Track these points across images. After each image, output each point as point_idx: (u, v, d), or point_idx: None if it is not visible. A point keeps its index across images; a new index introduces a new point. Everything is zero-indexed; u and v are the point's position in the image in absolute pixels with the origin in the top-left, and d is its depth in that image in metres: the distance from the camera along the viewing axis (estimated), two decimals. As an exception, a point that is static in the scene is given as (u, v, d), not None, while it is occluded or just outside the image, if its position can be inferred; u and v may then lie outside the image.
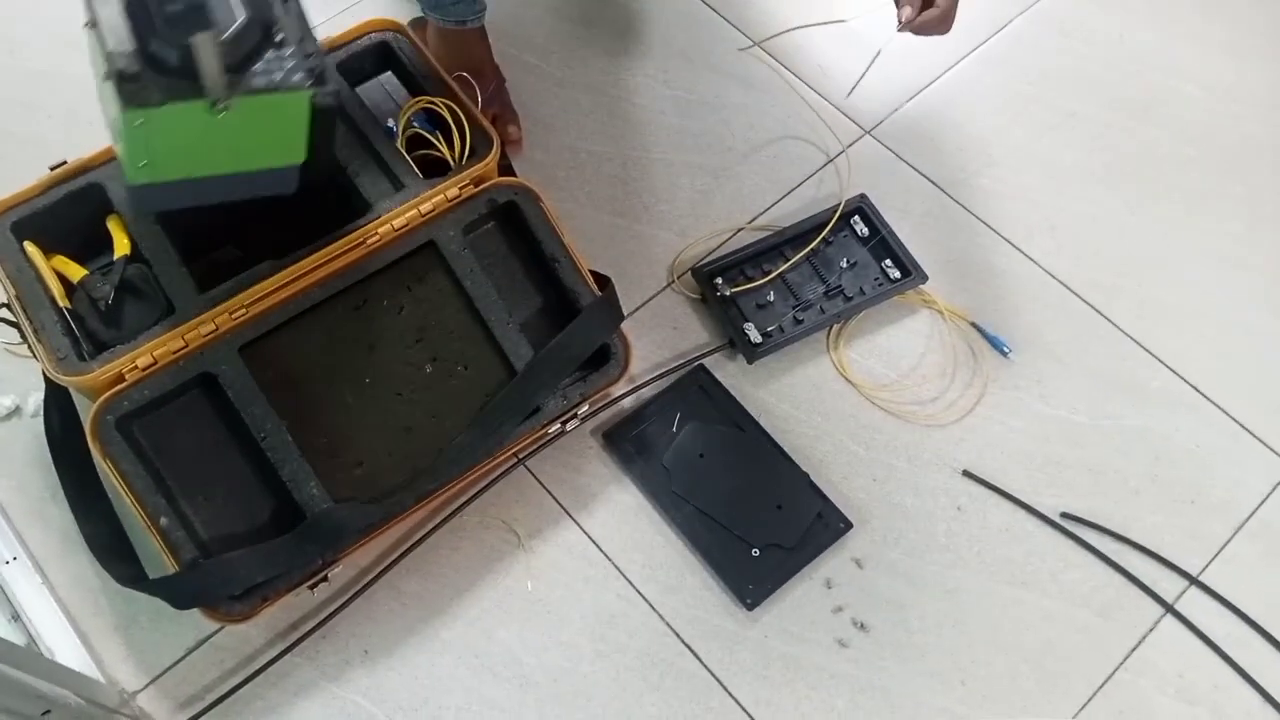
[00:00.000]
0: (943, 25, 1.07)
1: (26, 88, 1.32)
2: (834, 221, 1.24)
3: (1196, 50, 1.46)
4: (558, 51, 1.39)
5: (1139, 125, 1.39)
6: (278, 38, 0.80)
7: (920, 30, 1.08)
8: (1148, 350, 1.22)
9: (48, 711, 0.81)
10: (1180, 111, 1.41)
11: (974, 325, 1.22)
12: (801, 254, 1.22)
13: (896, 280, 1.21)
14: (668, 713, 1.00)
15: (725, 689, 1.01)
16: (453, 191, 1.02)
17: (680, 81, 1.38)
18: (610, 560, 1.07)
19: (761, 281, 1.21)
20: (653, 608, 1.05)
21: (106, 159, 0.99)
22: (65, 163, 0.99)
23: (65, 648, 0.99)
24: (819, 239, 1.23)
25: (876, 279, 1.22)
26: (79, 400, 1.02)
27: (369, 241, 0.99)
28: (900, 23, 1.07)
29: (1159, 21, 1.49)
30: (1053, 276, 1.26)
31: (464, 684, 1.00)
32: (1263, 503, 1.13)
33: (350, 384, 0.99)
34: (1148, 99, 1.42)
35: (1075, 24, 1.48)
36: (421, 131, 1.07)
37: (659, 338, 1.19)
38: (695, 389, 1.15)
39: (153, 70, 0.78)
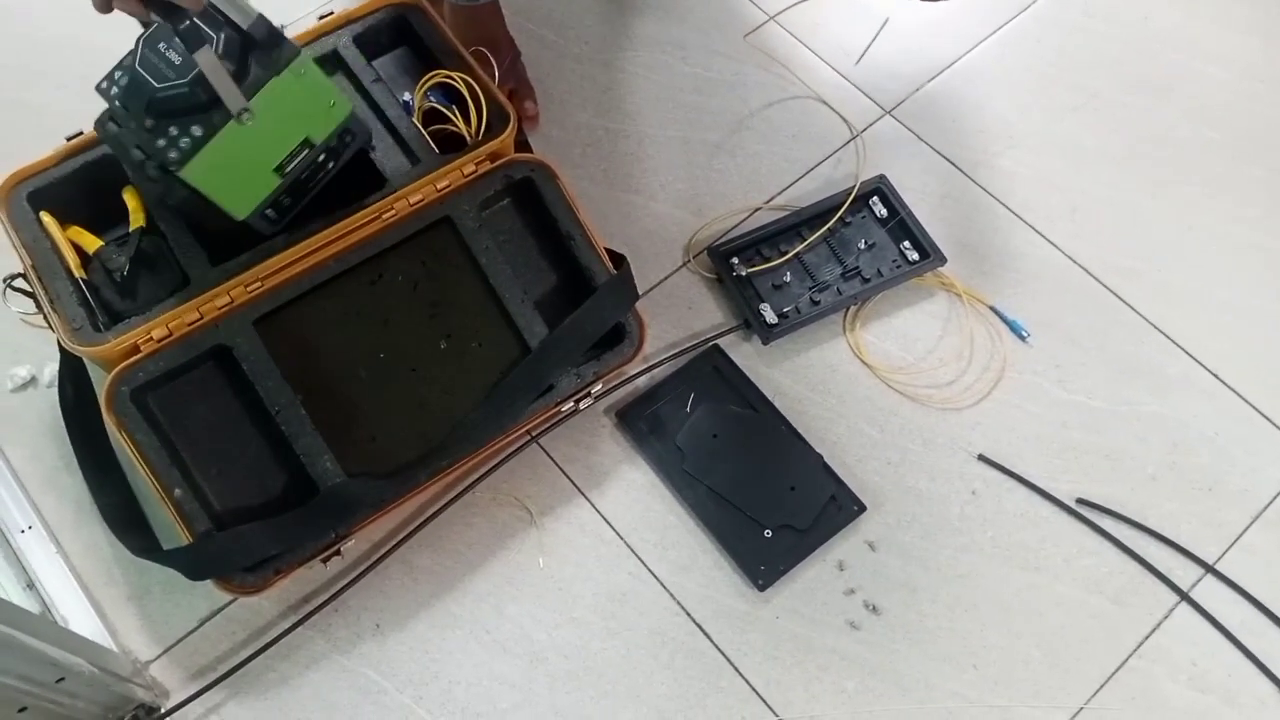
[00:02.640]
0: None
1: (41, 57, 1.31)
2: (852, 202, 1.23)
3: (1220, 32, 1.44)
4: (575, 27, 1.38)
5: (1161, 107, 1.38)
6: (256, 36, 0.84)
7: None
8: (1167, 336, 1.20)
9: (62, 679, 0.81)
10: (1202, 93, 1.39)
11: (992, 309, 1.21)
12: (819, 234, 1.21)
13: (915, 262, 1.20)
14: (678, 691, 1.00)
15: (735, 669, 1.01)
16: (469, 167, 1.02)
17: (698, 59, 1.37)
18: (622, 539, 1.07)
19: (778, 262, 1.20)
20: (664, 587, 1.05)
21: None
22: (81, 133, 0.99)
23: (79, 617, 0.99)
24: (836, 219, 1.22)
25: (894, 261, 1.21)
26: (94, 371, 1.02)
27: (384, 216, 0.99)
28: None
29: (1182, 2, 1.47)
30: (1073, 260, 1.25)
31: (475, 659, 1.01)
32: (1281, 491, 1.12)
33: (364, 359, 0.99)
34: (1170, 80, 1.40)
35: (1098, 4, 1.46)
36: (438, 106, 1.06)
37: (674, 317, 1.19)
38: (710, 369, 1.15)
39: (172, 123, 0.84)
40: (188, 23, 0.79)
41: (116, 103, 0.87)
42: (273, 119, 0.87)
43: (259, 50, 0.84)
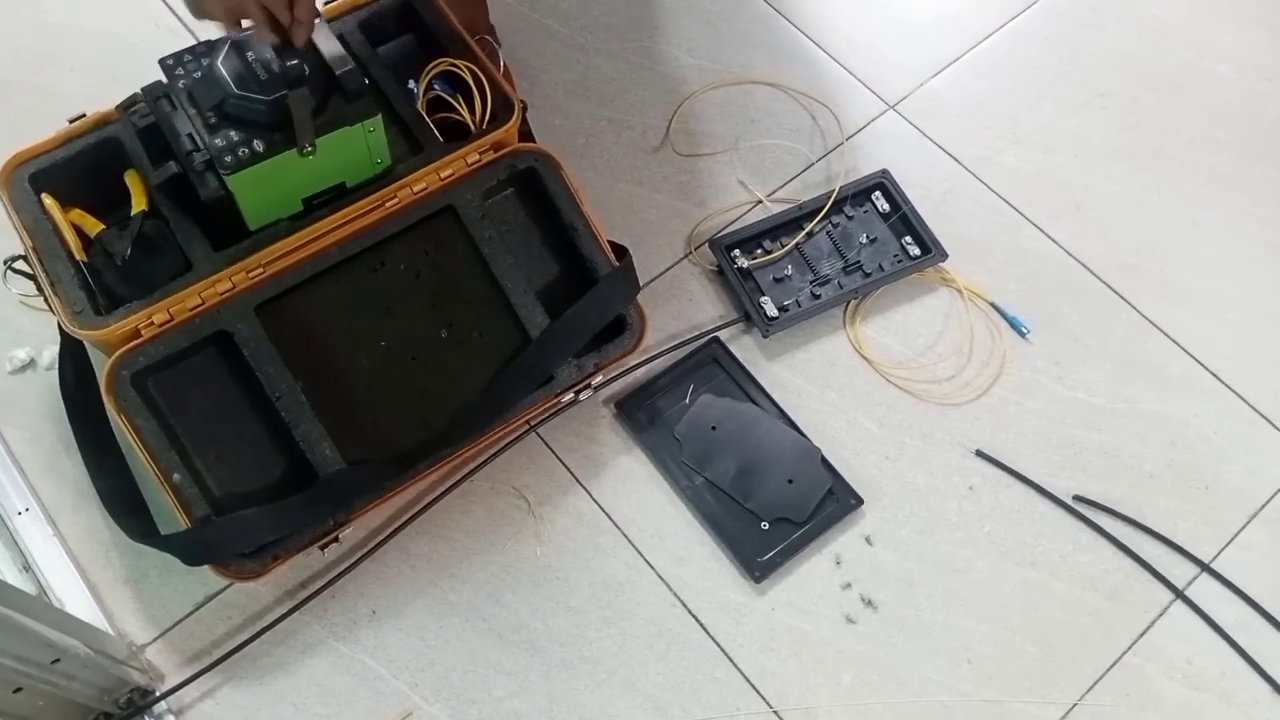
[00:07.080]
0: None
1: (46, 39, 1.31)
2: (854, 196, 1.23)
3: (1230, 29, 1.44)
4: (581, 18, 1.38)
5: (1169, 105, 1.37)
6: (345, 86, 0.88)
7: None
8: (1168, 335, 1.20)
9: (57, 660, 0.81)
10: (1211, 91, 1.38)
11: (993, 305, 1.21)
12: (820, 228, 1.21)
13: (916, 257, 1.20)
14: (673, 682, 1.00)
15: (731, 660, 1.02)
16: (473, 156, 1.01)
17: (703, 50, 1.37)
18: (619, 529, 1.07)
19: (779, 255, 1.20)
20: (660, 577, 1.05)
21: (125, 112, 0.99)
22: (84, 115, 0.99)
23: (75, 599, 1.00)
24: (838, 213, 1.22)
25: (896, 256, 1.21)
26: (94, 355, 1.02)
27: (388, 204, 0.99)
28: None
29: None
30: (1075, 258, 1.25)
31: (471, 647, 1.01)
32: (1278, 491, 1.12)
33: (366, 346, 0.99)
34: (1179, 78, 1.39)
35: (1107, 1, 1.45)
36: (443, 94, 1.06)
37: (675, 309, 1.19)
38: (709, 361, 1.15)
39: (235, 129, 0.87)
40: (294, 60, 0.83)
41: (181, 84, 0.90)
42: (326, 159, 0.91)
43: (340, 96, 0.88)
